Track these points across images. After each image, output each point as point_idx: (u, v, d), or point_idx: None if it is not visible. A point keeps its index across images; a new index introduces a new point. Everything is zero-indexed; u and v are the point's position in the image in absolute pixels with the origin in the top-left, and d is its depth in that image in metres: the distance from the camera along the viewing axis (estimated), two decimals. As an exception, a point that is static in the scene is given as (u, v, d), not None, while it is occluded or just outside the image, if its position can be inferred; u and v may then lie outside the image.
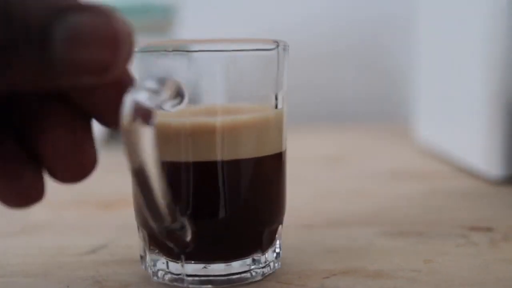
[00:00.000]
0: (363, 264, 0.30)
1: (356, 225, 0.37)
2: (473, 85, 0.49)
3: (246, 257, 0.28)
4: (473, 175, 0.49)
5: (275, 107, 0.28)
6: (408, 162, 0.58)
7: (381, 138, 0.71)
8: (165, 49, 0.27)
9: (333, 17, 0.85)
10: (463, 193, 0.45)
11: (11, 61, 0.18)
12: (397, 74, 0.85)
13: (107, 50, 0.18)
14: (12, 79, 0.18)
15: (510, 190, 0.45)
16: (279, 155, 0.28)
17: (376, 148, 0.66)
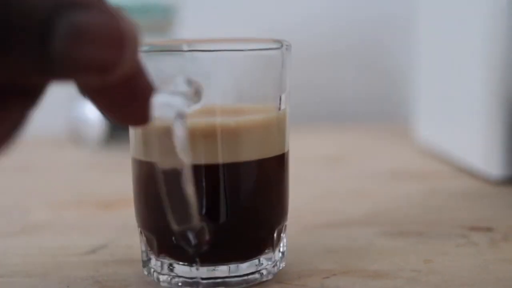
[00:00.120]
0: (363, 264, 0.30)
1: (356, 225, 0.37)
2: (473, 85, 0.49)
3: (255, 257, 0.28)
4: (473, 175, 0.49)
5: (279, 108, 0.28)
6: (408, 162, 0.58)
7: (381, 138, 0.71)
8: (171, 48, 0.27)
9: (333, 17, 0.85)
10: (463, 193, 0.45)
11: (9, 52, 0.17)
12: (397, 74, 0.85)
13: (111, 49, 0.18)
14: (8, 71, 0.17)
15: (510, 190, 0.45)
16: (282, 156, 0.28)
17: (376, 148, 0.66)
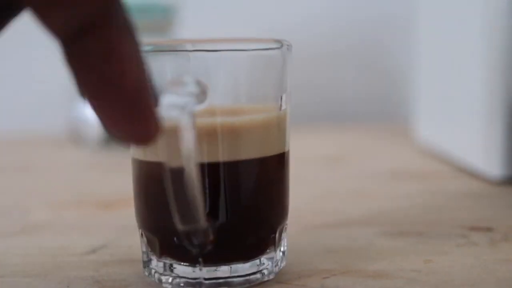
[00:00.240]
0: (363, 264, 0.30)
1: (356, 225, 0.37)
2: (473, 85, 0.49)
3: (256, 257, 0.28)
4: (473, 175, 0.49)
5: (279, 108, 0.28)
6: (408, 162, 0.58)
7: (381, 138, 0.71)
8: (172, 48, 0.27)
9: (333, 17, 0.85)
10: (463, 193, 0.45)
11: None
12: (397, 74, 0.85)
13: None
14: None
15: (510, 190, 0.45)
16: (283, 156, 0.28)
17: (376, 148, 0.66)
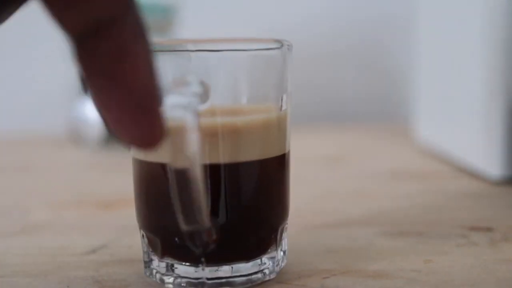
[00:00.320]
0: (363, 264, 0.30)
1: (356, 225, 0.37)
2: (473, 85, 0.49)
3: (258, 257, 0.28)
4: (473, 175, 0.49)
5: (280, 109, 0.28)
6: (408, 162, 0.58)
7: (381, 138, 0.71)
8: (172, 48, 0.27)
9: (333, 17, 0.85)
10: (463, 193, 0.45)
11: None
12: (397, 74, 0.85)
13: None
14: None
15: (510, 190, 0.45)
16: (283, 156, 0.28)
17: (376, 148, 0.66)
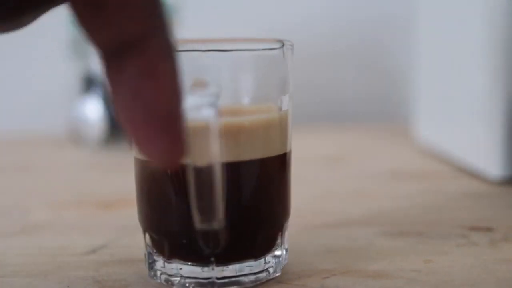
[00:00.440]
0: (363, 264, 0.30)
1: (356, 225, 0.37)
2: (473, 85, 0.49)
3: (263, 256, 0.28)
4: (473, 175, 0.49)
5: (281, 109, 0.28)
6: (408, 162, 0.58)
7: (381, 138, 0.71)
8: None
9: (333, 17, 0.85)
10: (463, 193, 0.45)
11: None
12: (397, 74, 0.85)
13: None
14: None
15: (510, 190, 0.45)
16: (284, 156, 0.28)
17: (376, 148, 0.66)
